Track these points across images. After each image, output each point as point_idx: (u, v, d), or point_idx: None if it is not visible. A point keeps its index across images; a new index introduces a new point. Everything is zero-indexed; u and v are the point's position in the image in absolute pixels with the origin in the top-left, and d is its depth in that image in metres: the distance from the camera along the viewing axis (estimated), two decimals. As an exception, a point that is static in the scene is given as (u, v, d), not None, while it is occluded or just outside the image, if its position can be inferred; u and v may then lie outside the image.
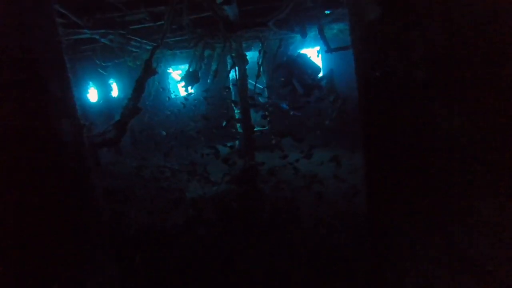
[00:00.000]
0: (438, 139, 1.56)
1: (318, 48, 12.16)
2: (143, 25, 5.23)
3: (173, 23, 5.07)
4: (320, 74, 9.66)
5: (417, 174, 1.69)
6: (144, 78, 3.28)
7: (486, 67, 1.39)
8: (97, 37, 4.99)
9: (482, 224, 1.42)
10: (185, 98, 9.48)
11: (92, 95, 10.39)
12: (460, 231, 1.50)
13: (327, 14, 6.38)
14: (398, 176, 1.82)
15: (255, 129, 10.86)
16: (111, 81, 10.60)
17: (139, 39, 5.73)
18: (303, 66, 9.20)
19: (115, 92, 11.49)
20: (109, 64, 7.52)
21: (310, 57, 9.86)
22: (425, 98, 1.58)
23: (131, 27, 5.15)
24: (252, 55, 12.20)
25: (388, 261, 1.94)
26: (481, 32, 1.38)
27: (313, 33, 9.15)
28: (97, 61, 7.43)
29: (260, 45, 8.68)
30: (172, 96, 12.11)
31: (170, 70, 12.93)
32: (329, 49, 5.06)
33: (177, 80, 9.18)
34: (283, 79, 9.35)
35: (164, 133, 11.11)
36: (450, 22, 1.45)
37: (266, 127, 11.42)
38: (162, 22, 4.89)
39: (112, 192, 6.99)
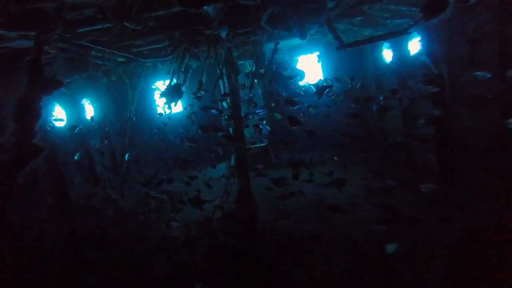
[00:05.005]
0: None
1: (317, 53, 11.02)
2: (96, 26, 3.94)
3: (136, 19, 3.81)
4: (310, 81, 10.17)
5: None
6: (34, 92, 1.84)
7: None
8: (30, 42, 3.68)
9: None
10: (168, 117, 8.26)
11: (61, 117, 8.93)
12: None
13: (331, 8, 5.13)
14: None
15: (254, 146, 9.76)
16: (84, 100, 9.26)
17: (93, 45, 4.41)
18: (285, 74, 9.76)
19: (91, 114, 10.17)
20: (69, 80, 6.19)
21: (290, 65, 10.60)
22: None
23: (78, 29, 3.85)
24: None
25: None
26: None
27: (312, 37, 8.07)
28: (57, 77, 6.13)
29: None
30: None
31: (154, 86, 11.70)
32: (342, 45, 3.80)
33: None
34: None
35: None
36: None
37: (263, 143, 10.13)
38: (114, 21, 3.63)
39: (80, 236, 5.72)
